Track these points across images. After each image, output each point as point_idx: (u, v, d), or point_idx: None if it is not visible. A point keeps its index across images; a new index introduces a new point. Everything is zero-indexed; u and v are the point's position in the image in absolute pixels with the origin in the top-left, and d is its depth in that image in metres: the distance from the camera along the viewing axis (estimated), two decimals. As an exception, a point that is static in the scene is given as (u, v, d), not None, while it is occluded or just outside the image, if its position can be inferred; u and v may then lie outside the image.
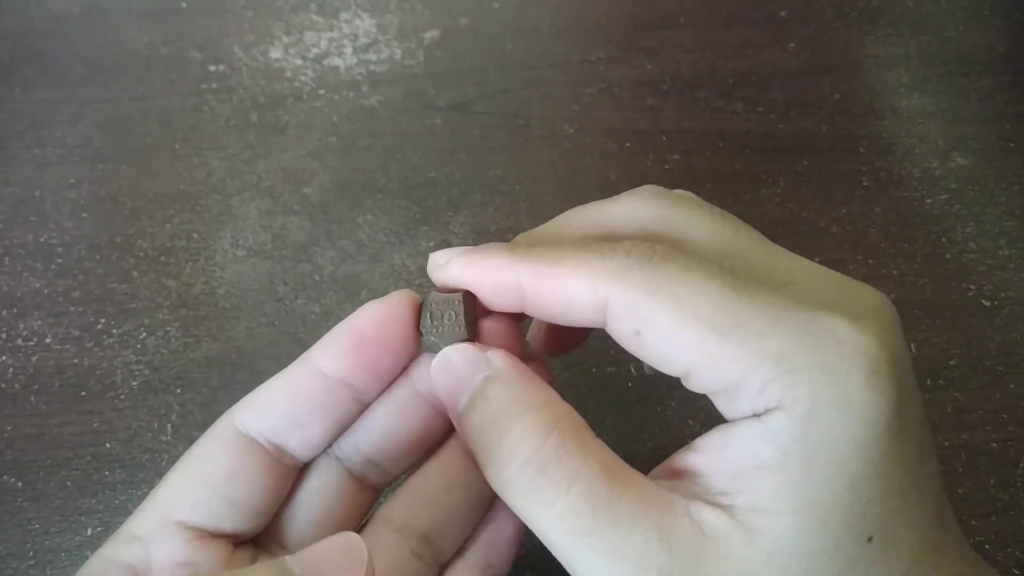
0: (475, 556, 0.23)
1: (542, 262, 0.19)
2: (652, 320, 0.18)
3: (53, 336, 0.34)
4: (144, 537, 0.19)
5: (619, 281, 0.18)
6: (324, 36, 0.45)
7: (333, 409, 0.21)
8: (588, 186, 0.40)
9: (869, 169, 0.41)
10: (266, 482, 0.20)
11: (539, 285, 0.19)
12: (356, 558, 0.16)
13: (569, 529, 0.18)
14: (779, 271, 0.19)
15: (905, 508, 0.17)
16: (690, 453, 0.19)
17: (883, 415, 0.17)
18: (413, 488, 0.22)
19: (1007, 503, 0.31)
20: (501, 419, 0.19)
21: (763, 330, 0.17)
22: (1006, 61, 0.45)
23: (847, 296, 0.19)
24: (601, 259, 0.18)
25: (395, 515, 0.22)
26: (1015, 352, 0.35)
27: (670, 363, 0.18)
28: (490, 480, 0.19)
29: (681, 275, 0.18)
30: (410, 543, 0.22)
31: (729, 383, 0.17)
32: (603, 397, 0.33)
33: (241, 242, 0.37)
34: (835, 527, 0.17)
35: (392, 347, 0.21)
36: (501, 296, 0.20)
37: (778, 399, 0.17)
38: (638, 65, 0.45)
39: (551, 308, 0.19)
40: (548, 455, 0.18)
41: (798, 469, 0.17)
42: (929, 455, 0.18)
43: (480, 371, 0.20)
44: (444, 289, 0.21)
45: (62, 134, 0.41)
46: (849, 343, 0.17)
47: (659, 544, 0.17)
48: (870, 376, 0.17)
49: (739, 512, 0.17)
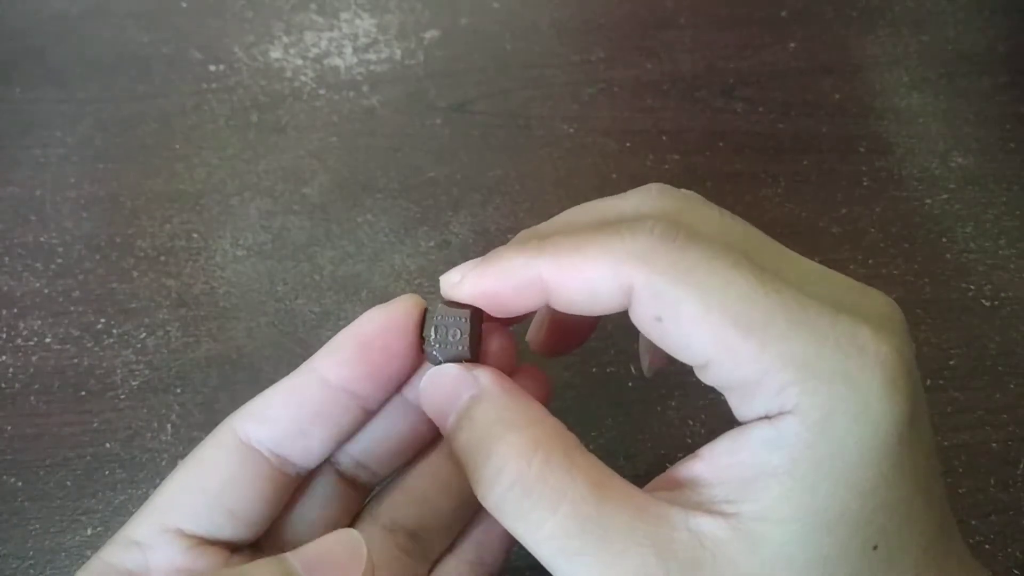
0: (466, 553, 0.23)
1: (561, 252, 0.19)
2: (676, 308, 0.17)
3: (53, 336, 0.34)
4: (143, 543, 0.19)
5: (643, 264, 0.17)
6: (324, 36, 0.45)
7: (336, 418, 0.20)
8: (588, 186, 0.40)
9: (869, 169, 0.41)
10: (266, 492, 0.20)
11: (561, 276, 0.19)
12: (356, 554, 0.16)
13: (559, 549, 0.17)
14: (792, 272, 0.19)
15: (911, 517, 0.17)
16: (695, 461, 0.19)
17: (896, 426, 0.16)
18: (403, 487, 0.22)
19: (1007, 503, 0.31)
20: (487, 440, 0.19)
21: (787, 330, 0.17)
22: (1006, 61, 0.45)
23: (862, 301, 0.18)
24: (622, 240, 0.18)
25: (384, 513, 0.22)
26: (1015, 352, 0.35)
27: (689, 353, 0.18)
28: (480, 499, 0.19)
29: (708, 261, 0.17)
30: (398, 540, 0.22)
31: (747, 381, 0.17)
32: (603, 397, 0.33)
33: (241, 242, 0.37)
34: (841, 536, 0.17)
35: (396, 355, 0.20)
36: (523, 297, 0.19)
37: (794, 403, 0.17)
38: (638, 65, 0.45)
39: (575, 298, 0.19)
40: (533, 477, 0.18)
41: (808, 477, 0.17)
42: (935, 463, 0.18)
43: (467, 390, 0.20)
44: (452, 303, 0.20)
45: (62, 134, 0.41)
46: (871, 351, 0.17)
47: (655, 560, 0.17)
48: (888, 386, 0.16)
49: (744, 520, 0.17)
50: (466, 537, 0.23)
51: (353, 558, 0.16)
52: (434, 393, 0.20)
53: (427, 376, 0.20)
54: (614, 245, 0.18)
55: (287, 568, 0.16)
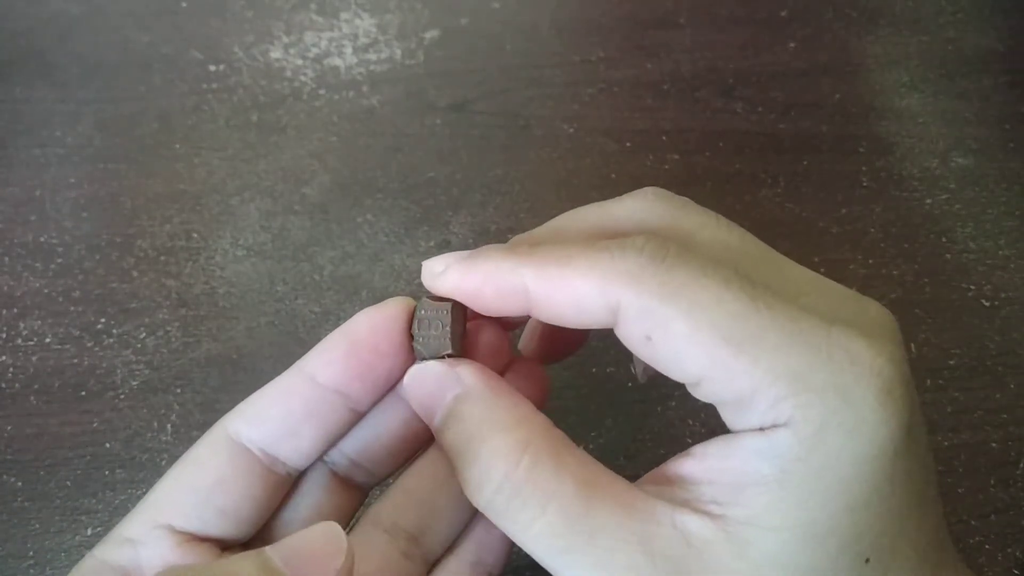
0: (466, 554, 0.22)
1: (548, 263, 0.18)
2: (665, 327, 0.17)
3: (53, 336, 0.34)
4: (135, 539, 0.19)
5: (631, 283, 0.17)
6: (324, 36, 0.45)
7: (326, 418, 0.20)
8: (588, 186, 0.40)
9: (869, 169, 0.41)
10: (256, 491, 0.20)
11: (546, 288, 0.18)
12: (336, 546, 0.16)
13: (549, 547, 0.18)
14: (787, 281, 0.18)
15: (905, 529, 0.17)
16: (688, 459, 0.19)
17: (891, 439, 0.16)
18: (402, 488, 0.22)
19: (1007, 503, 0.31)
20: (473, 440, 0.19)
21: (779, 344, 0.17)
22: (1006, 61, 0.45)
23: (855, 311, 0.18)
24: (611, 258, 0.18)
25: (384, 515, 0.22)
26: (1015, 352, 0.35)
27: (680, 371, 0.18)
28: (470, 499, 0.19)
29: (697, 280, 0.17)
30: (399, 543, 0.21)
31: (740, 396, 0.17)
32: (603, 397, 0.33)
33: (241, 242, 0.37)
34: (831, 548, 0.17)
35: (386, 355, 0.20)
36: (505, 301, 0.19)
37: (788, 416, 0.17)
38: (638, 65, 0.45)
39: (559, 311, 0.19)
40: (521, 477, 0.18)
41: (798, 489, 0.17)
42: (931, 475, 0.18)
43: (451, 389, 0.19)
44: (436, 297, 0.20)
45: (62, 134, 0.41)
46: (864, 363, 0.17)
47: (641, 556, 0.17)
48: (883, 399, 0.16)
49: (731, 523, 0.17)
50: (467, 537, 0.23)
51: (332, 550, 0.16)
52: (418, 391, 0.20)
53: (409, 373, 0.20)
54: (602, 261, 0.18)
55: (266, 561, 0.16)
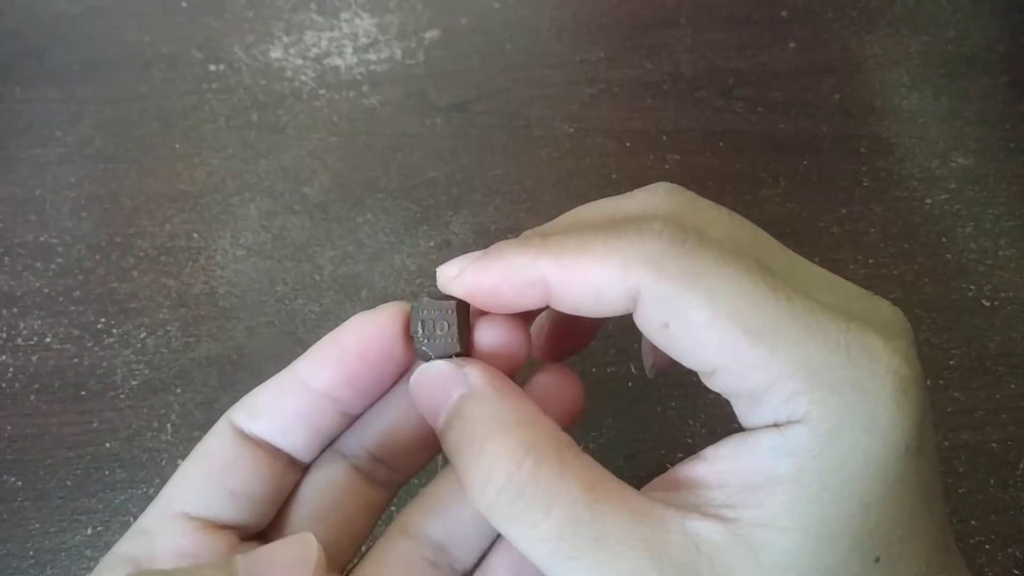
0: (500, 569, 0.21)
1: (565, 251, 0.18)
2: (684, 315, 0.17)
3: (53, 336, 0.34)
4: (150, 530, 0.20)
5: (652, 268, 0.17)
6: (324, 36, 0.45)
7: (317, 420, 0.20)
8: (588, 186, 0.40)
9: (869, 169, 0.41)
10: (265, 474, 0.20)
11: (565, 277, 0.18)
12: (304, 557, 0.16)
13: (553, 551, 0.17)
14: (800, 277, 0.18)
15: (915, 530, 0.17)
16: (697, 463, 0.18)
17: (905, 438, 0.16)
18: (428, 495, 0.22)
19: (1007, 503, 0.31)
20: (477, 441, 0.18)
21: (798, 337, 0.16)
22: (1006, 61, 0.45)
23: (869, 309, 0.18)
24: (630, 243, 0.17)
25: (411, 523, 0.21)
26: (1015, 352, 0.35)
27: (696, 360, 0.18)
28: (472, 502, 0.19)
29: (719, 267, 0.17)
30: (424, 551, 0.21)
31: (755, 388, 0.17)
32: (603, 397, 0.33)
33: (241, 242, 0.37)
34: (843, 547, 0.16)
35: (375, 363, 0.20)
36: (524, 295, 0.19)
37: (804, 412, 0.16)
38: (638, 65, 0.45)
39: (577, 300, 0.18)
40: (524, 479, 0.17)
41: (813, 487, 0.16)
42: (939, 475, 0.18)
43: (457, 388, 0.19)
44: (435, 295, 0.20)
45: (62, 134, 0.41)
46: (882, 362, 0.16)
47: (648, 563, 0.17)
48: (898, 397, 0.16)
49: (743, 526, 0.17)
50: (496, 551, 0.22)
51: (301, 560, 0.16)
52: (424, 392, 0.20)
53: (416, 374, 0.20)
54: (621, 247, 0.17)
55: (233, 571, 0.15)
